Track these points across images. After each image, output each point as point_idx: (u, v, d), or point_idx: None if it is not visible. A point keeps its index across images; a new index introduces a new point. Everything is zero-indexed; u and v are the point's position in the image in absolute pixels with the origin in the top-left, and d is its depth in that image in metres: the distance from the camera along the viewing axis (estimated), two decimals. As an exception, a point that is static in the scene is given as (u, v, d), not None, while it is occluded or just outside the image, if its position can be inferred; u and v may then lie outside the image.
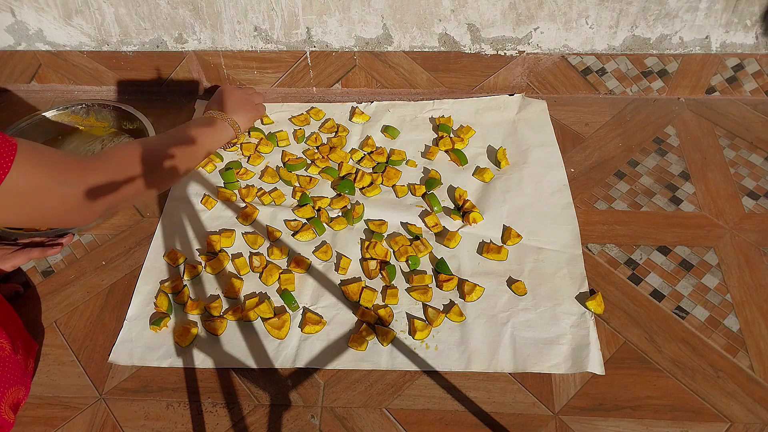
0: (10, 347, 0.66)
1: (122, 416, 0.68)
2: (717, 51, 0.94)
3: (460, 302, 0.75)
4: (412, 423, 0.66)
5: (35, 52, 1.03)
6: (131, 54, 1.02)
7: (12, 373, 0.65)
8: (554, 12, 0.91)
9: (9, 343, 0.66)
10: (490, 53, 0.98)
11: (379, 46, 0.98)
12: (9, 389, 0.64)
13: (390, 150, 0.94)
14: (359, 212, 0.84)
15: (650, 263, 0.78)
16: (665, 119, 0.97)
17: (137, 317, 0.76)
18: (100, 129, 1.00)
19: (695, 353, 0.70)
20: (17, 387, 0.66)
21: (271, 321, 0.74)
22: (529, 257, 0.79)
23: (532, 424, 0.66)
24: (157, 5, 0.95)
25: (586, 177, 0.89)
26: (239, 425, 0.67)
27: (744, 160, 0.90)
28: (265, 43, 0.99)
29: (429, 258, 0.80)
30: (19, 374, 0.67)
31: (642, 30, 0.93)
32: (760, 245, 0.79)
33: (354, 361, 0.71)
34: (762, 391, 0.67)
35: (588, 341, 0.71)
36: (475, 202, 0.86)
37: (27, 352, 0.70)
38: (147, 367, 0.72)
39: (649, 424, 0.65)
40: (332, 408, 0.68)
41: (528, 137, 0.94)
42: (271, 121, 1.01)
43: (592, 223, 0.83)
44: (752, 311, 0.73)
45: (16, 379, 0.66)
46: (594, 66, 0.98)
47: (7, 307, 0.74)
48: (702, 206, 0.84)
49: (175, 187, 0.91)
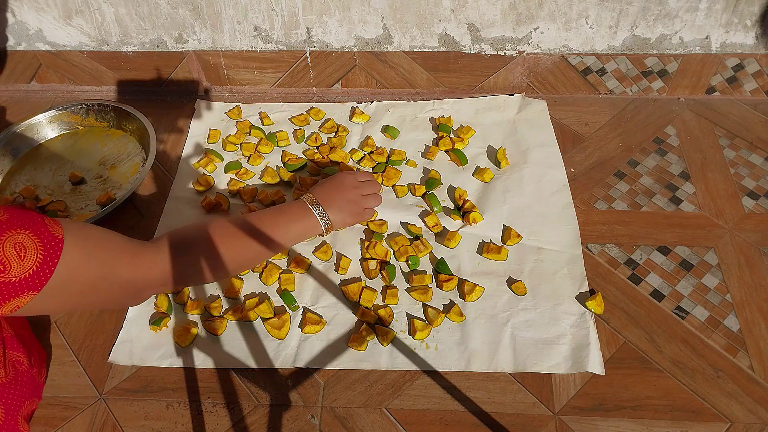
0: (27, 361, 0.67)
1: (122, 416, 0.68)
2: (717, 51, 0.94)
3: (460, 302, 0.75)
4: (412, 423, 0.66)
5: (35, 52, 1.03)
6: (131, 54, 1.02)
7: (28, 387, 0.66)
8: (554, 12, 0.91)
9: (26, 357, 0.67)
10: (490, 53, 0.98)
11: (379, 46, 0.98)
12: (24, 402, 0.65)
13: (390, 150, 0.94)
14: None
15: (650, 263, 0.78)
16: (665, 119, 0.97)
17: (137, 317, 0.76)
18: (100, 129, 1.01)
19: (695, 353, 0.70)
20: (32, 399, 0.67)
21: (271, 321, 0.74)
22: (529, 257, 0.79)
23: (532, 424, 0.66)
24: (157, 5, 0.95)
25: (586, 177, 0.89)
26: (239, 425, 0.67)
27: (744, 160, 0.90)
28: (265, 43, 0.99)
29: (429, 258, 0.80)
30: (33, 387, 0.68)
31: (642, 30, 0.93)
32: (760, 245, 0.79)
33: (354, 361, 0.71)
34: (762, 391, 0.67)
35: (588, 341, 0.71)
36: (475, 202, 0.86)
37: (40, 361, 0.71)
38: (147, 367, 0.72)
39: (649, 424, 0.65)
40: (332, 408, 0.68)
41: (528, 137, 0.94)
42: (271, 121, 1.01)
43: (592, 223, 0.83)
44: (752, 311, 0.73)
45: (30, 392, 0.67)
46: (594, 66, 0.98)
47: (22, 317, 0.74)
48: (702, 206, 0.84)
49: (175, 187, 0.91)
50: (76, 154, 0.97)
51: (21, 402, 0.64)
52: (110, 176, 0.93)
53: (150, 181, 0.93)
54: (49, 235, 0.52)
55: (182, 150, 0.97)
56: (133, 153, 0.96)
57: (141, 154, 0.96)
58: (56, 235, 0.52)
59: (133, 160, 0.95)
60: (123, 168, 0.94)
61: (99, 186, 0.92)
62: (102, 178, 0.93)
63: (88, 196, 0.91)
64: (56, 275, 0.52)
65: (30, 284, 0.50)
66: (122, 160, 0.95)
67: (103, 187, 0.92)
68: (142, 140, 0.96)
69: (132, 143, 0.98)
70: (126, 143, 0.98)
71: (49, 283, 0.51)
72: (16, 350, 0.66)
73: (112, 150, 0.97)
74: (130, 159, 0.95)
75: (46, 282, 0.51)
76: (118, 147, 0.98)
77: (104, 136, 1.00)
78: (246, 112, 1.03)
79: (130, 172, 0.93)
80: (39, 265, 0.50)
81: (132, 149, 0.97)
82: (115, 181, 0.93)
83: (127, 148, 0.97)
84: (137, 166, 0.94)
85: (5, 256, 0.48)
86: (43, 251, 0.51)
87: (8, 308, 0.50)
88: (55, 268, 0.52)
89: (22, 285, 0.50)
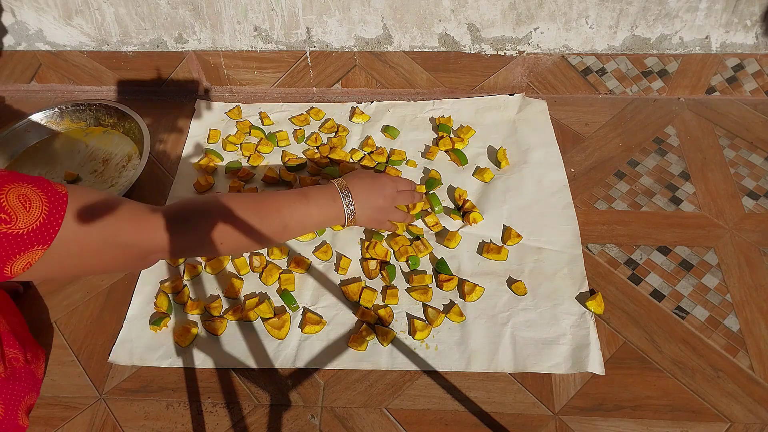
0: (23, 358, 0.67)
1: (122, 416, 0.68)
2: (717, 51, 0.94)
3: (460, 302, 0.75)
4: (412, 423, 0.66)
5: (35, 52, 1.03)
6: (131, 54, 1.02)
7: (26, 382, 0.66)
8: (554, 12, 0.91)
9: (22, 354, 0.67)
10: (490, 53, 0.98)
11: (379, 46, 0.98)
12: (24, 397, 0.66)
13: (390, 150, 0.94)
14: None
15: (650, 263, 0.78)
16: (665, 119, 0.97)
17: (137, 317, 0.76)
18: (78, 130, 1.00)
19: (695, 353, 0.70)
20: (31, 394, 0.68)
21: (271, 321, 0.74)
22: (529, 257, 0.79)
23: (532, 424, 0.66)
24: (157, 5, 0.95)
25: (586, 177, 0.89)
26: (239, 425, 0.67)
27: (744, 160, 0.90)
28: (265, 43, 0.99)
29: (429, 258, 0.80)
30: (32, 382, 0.68)
31: (642, 30, 0.93)
32: (760, 245, 0.79)
33: (354, 361, 0.71)
34: (762, 391, 0.67)
35: (588, 341, 0.71)
36: (475, 202, 0.86)
37: (37, 358, 0.71)
38: (147, 367, 0.72)
39: (649, 424, 0.65)
40: (332, 408, 0.68)
41: (528, 137, 0.94)
42: (271, 121, 1.01)
43: (592, 223, 0.83)
44: (752, 311, 0.73)
45: (29, 387, 0.67)
46: (594, 66, 0.98)
47: (17, 313, 0.74)
48: (702, 206, 0.84)
49: (176, 187, 0.91)
50: (62, 155, 0.97)
51: (20, 397, 0.65)
52: (105, 169, 0.94)
53: (150, 181, 0.93)
54: (52, 190, 0.50)
55: (182, 150, 0.97)
56: (122, 144, 0.97)
57: (130, 144, 0.96)
58: (59, 191, 0.51)
59: (123, 149, 0.96)
60: (116, 159, 0.95)
61: (97, 180, 0.92)
62: (97, 173, 0.94)
63: None
64: (64, 230, 0.50)
65: (39, 237, 0.48)
66: (113, 153, 0.96)
67: (102, 179, 0.92)
68: (129, 133, 0.97)
69: (116, 136, 0.98)
70: (110, 137, 0.98)
71: (58, 238, 0.49)
72: (12, 347, 0.66)
73: (98, 145, 0.98)
74: (120, 149, 0.96)
75: (55, 235, 0.49)
76: (103, 142, 0.98)
77: (84, 135, 1.00)
78: (246, 112, 1.03)
79: (124, 161, 0.94)
80: (45, 217, 0.49)
81: (118, 141, 0.97)
82: (111, 173, 0.93)
83: (112, 141, 0.98)
84: (130, 154, 0.95)
85: (10, 207, 0.46)
86: (48, 204, 0.49)
87: (20, 265, 0.48)
88: (62, 221, 0.50)
89: (32, 238, 0.48)
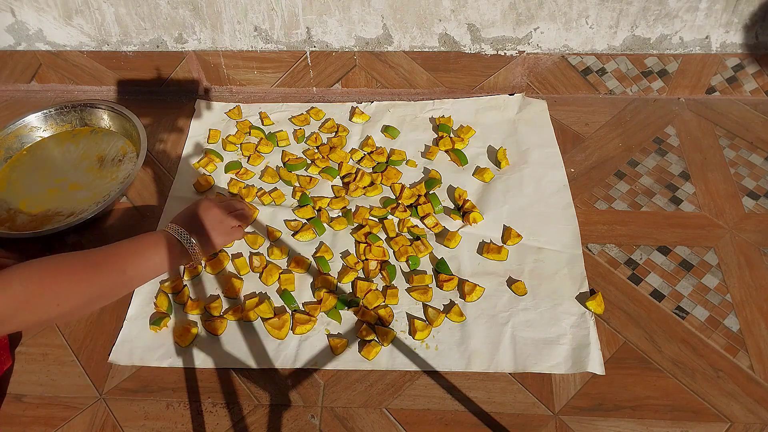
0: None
1: (122, 416, 0.68)
2: (717, 51, 0.94)
3: (460, 302, 0.75)
4: (412, 423, 0.66)
5: (35, 52, 1.03)
6: (131, 54, 1.02)
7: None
8: (554, 12, 0.91)
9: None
10: (490, 53, 0.98)
11: (379, 46, 0.98)
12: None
13: (390, 150, 0.94)
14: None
15: (650, 263, 0.78)
16: (665, 119, 0.97)
17: (137, 317, 0.76)
18: (66, 133, 1.00)
19: (695, 353, 0.70)
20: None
21: (271, 321, 0.74)
22: (529, 257, 0.79)
23: (532, 424, 0.66)
24: (157, 5, 0.95)
25: (586, 177, 0.89)
26: (239, 425, 0.67)
27: (744, 160, 0.90)
28: (265, 43, 0.99)
29: (429, 258, 0.80)
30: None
31: (642, 30, 0.93)
32: (760, 245, 0.79)
33: (354, 361, 0.71)
34: (762, 391, 0.67)
35: (588, 341, 0.71)
36: (475, 202, 0.86)
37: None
38: (147, 367, 0.72)
39: (649, 424, 0.65)
40: (332, 408, 0.68)
41: (528, 137, 0.94)
42: (271, 121, 1.01)
43: (592, 223, 0.83)
44: (752, 311, 0.73)
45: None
46: (594, 66, 0.98)
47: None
48: (702, 206, 0.84)
49: (175, 187, 0.91)
50: (54, 157, 0.97)
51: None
52: (102, 166, 0.95)
53: (150, 181, 0.93)
54: None
55: (182, 150, 0.97)
56: (112, 140, 0.98)
57: (121, 139, 0.98)
58: None
59: (116, 145, 0.97)
60: (111, 155, 0.96)
61: (96, 177, 0.93)
62: (94, 170, 0.94)
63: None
64: None
65: None
66: (106, 150, 0.97)
67: (101, 175, 0.93)
68: (121, 129, 0.98)
69: (104, 133, 1.00)
70: (99, 136, 0.99)
71: None
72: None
73: (89, 144, 0.98)
74: (112, 145, 0.97)
75: None
76: (93, 141, 0.99)
77: (72, 137, 1.00)
78: (246, 112, 1.03)
79: (119, 156, 0.95)
80: None
81: (108, 138, 0.99)
82: (109, 169, 0.94)
83: (102, 139, 0.99)
84: (124, 148, 0.96)
85: None
86: None
87: None
88: None
89: None
